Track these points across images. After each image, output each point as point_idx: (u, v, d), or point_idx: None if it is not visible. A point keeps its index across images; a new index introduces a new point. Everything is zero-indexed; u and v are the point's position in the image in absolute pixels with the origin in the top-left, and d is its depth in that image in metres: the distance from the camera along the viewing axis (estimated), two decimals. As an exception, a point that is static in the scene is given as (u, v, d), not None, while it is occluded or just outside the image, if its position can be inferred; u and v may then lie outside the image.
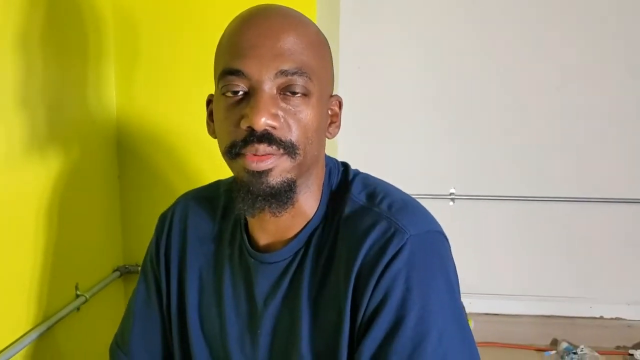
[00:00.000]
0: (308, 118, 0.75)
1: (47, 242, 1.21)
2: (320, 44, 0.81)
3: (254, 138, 0.73)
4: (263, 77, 0.73)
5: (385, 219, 0.78)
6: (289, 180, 0.76)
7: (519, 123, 2.21)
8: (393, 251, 0.75)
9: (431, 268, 0.76)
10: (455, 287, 0.79)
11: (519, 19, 2.15)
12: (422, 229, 0.78)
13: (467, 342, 0.77)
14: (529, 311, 2.27)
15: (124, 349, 0.99)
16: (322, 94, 0.79)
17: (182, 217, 0.96)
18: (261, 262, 0.84)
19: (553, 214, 2.25)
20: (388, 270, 0.74)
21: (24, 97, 1.11)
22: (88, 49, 1.38)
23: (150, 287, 0.98)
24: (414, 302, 0.73)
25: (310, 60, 0.76)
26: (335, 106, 0.85)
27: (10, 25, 1.07)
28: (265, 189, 0.75)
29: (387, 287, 0.74)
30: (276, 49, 0.73)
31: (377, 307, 0.74)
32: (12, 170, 1.09)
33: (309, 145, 0.76)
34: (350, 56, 2.18)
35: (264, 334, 0.84)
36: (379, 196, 0.82)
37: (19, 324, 1.13)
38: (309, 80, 0.75)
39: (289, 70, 0.73)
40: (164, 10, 1.49)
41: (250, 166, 0.74)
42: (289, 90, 0.74)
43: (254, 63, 0.73)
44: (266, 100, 0.73)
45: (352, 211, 0.82)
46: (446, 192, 2.27)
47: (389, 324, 0.74)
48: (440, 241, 0.81)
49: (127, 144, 1.55)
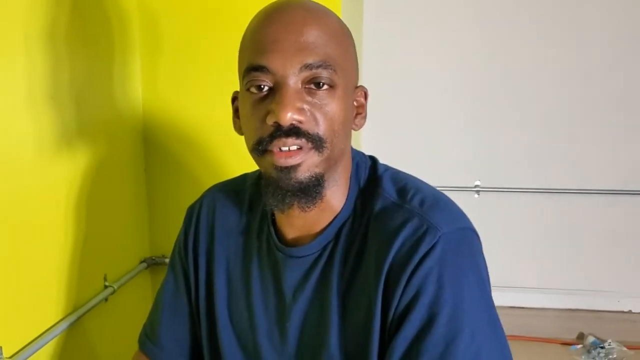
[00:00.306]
0: (334, 110, 0.75)
1: (76, 234, 1.23)
2: (343, 35, 0.80)
3: (281, 133, 0.73)
4: (287, 71, 0.73)
5: (417, 216, 0.77)
6: (317, 174, 0.76)
7: (547, 113, 2.18)
8: (425, 249, 0.74)
9: (463, 266, 0.76)
10: (487, 284, 0.79)
11: (546, 9, 2.12)
12: (454, 226, 0.78)
13: (499, 339, 0.77)
14: (555, 304, 2.25)
15: (153, 340, 1.00)
16: (347, 86, 0.79)
17: (210, 210, 0.97)
18: (289, 256, 0.85)
19: (579, 206, 2.22)
20: (420, 267, 0.74)
21: (54, 93, 1.13)
22: (114, 44, 1.40)
23: (178, 279, 0.99)
24: (446, 300, 0.73)
25: (334, 53, 0.75)
26: (360, 97, 0.84)
27: (38, 21, 1.09)
28: (294, 184, 0.75)
29: (419, 284, 0.74)
30: (299, 43, 0.73)
31: (408, 305, 0.74)
32: (43, 164, 1.11)
33: (335, 138, 0.76)
34: (374, 49, 2.17)
35: (293, 327, 0.85)
36: (410, 192, 0.81)
37: (50, 314, 1.16)
38: (333, 72, 0.75)
39: (313, 64, 0.73)
40: (188, 5, 1.50)
41: (278, 162, 0.74)
42: (313, 84, 0.74)
43: (277, 58, 0.73)
44: (291, 95, 0.73)
45: (383, 207, 0.81)
46: (471, 184, 2.25)
47: (421, 321, 0.73)
48: (472, 238, 0.80)
49: (153, 138, 1.57)
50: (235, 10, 1.46)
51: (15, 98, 1.03)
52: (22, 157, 1.05)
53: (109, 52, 1.38)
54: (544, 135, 2.19)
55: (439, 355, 0.72)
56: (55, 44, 1.14)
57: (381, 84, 2.17)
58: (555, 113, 2.17)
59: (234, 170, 1.08)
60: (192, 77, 1.52)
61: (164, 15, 1.51)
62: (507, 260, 2.25)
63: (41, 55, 1.10)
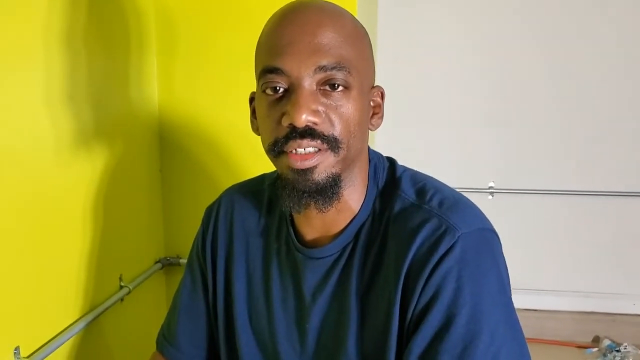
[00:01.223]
0: (350, 111, 0.75)
1: (93, 234, 1.24)
2: (358, 35, 0.80)
3: (296, 134, 0.73)
4: (302, 73, 0.73)
5: (436, 217, 0.77)
6: (334, 175, 0.76)
7: (562, 114, 2.15)
8: (444, 249, 0.74)
9: (483, 266, 0.75)
10: (506, 285, 0.79)
11: (563, 8, 2.10)
12: (474, 226, 0.77)
13: (518, 340, 0.76)
14: (571, 307, 2.22)
15: (170, 341, 1.00)
16: (363, 86, 0.79)
17: (228, 211, 0.97)
18: (309, 257, 0.85)
19: (594, 209, 2.19)
20: (439, 268, 0.74)
21: (71, 93, 1.14)
22: (131, 44, 1.41)
23: (195, 280, 0.99)
24: (465, 301, 0.73)
25: (349, 54, 0.75)
26: (377, 97, 0.84)
27: (56, 23, 1.09)
28: (311, 185, 0.75)
29: (437, 284, 0.74)
30: (314, 45, 0.74)
31: (427, 305, 0.74)
32: (60, 165, 1.12)
33: (352, 138, 0.76)
34: (388, 47, 2.16)
35: (312, 328, 0.85)
36: (429, 193, 0.81)
37: (67, 314, 1.16)
38: (348, 73, 0.75)
39: (327, 66, 0.73)
40: (205, 5, 1.50)
41: (294, 165, 0.75)
42: (328, 85, 0.74)
43: (292, 60, 0.73)
44: (306, 97, 0.73)
45: (402, 208, 0.81)
46: (485, 185, 2.23)
47: (439, 322, 0.73)
48: (491, 239, 0.80)
49: (169, 138, 1.57)
50: (251, 10, 1.46)
51: (34, 99, 1.04)
52: (40, 157, 1.06)
53: (125, 52, 1.39)
54: (559, 136, 2.16)
55: (457, 356, 0.72)
56: (74, 45, 1.14)
57: (392, 84, 2.16)
58: (571, 113, 2.15)
59: (250, 170, 1.08)
60: (208, 77, 1.53)
61: (181, 15, 1.51)
62: (521, 263, 2.22)
63: (60, 57, 1.11)
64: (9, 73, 0.97)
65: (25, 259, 1.02)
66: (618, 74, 2.11)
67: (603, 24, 2.09)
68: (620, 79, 2.11)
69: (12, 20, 0.97)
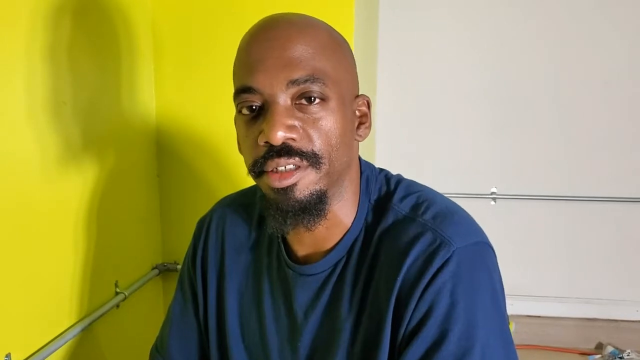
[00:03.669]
0: (330, 124, 0.73)
1: (88, 239, 1.23)
2: (334, 46, 0.77)
3: (274, 153, 0.71)
4: (274, 89, 0.71)
5: (430, 231, 0.75)
6: (317, 192, 0.74)
7: (564, 120, 2.14)
8: (439, 264, 0.72)
9: (477, 281, 0.73)
10: (501, 300, 0.77)
11: (564, 13, 2.09)
12: (469, 240, 0.75)
13: (509, 355, 0.75)
14: (573, 314, 2.21)
15: (162, 354, 1.00)
16: (344, 97, 0.76)
17: (220, 225, 0.95)
18: (300, 274, 0.83)
19: (598, 215, 2.18)
20: (433, 283, 0.72)
21: (67, 98, 1.13)
22: (128, 50, 1.40)
23: (186, 295, 0.98)
24: (459, 316, 0.71)
25: (323, 65, 0.73)
26: (363, 106, 0.82)
27: (55, 27, 1.09)
28: (294, 204, 0.73)
29: (431, 300, 0.72)
30: (284, 59, 0.71)
31: (420, 320, 0.72)
32: (58, 170, 1.11)
33: (334, 152, 0.74)
34: (390, 53, 2.15)
35: (304, 346, 0.83)
36: (423, 205, 0.79)
37: (62, 320, 1.15)
38: (324, 85, 0.72)
39: (300, 79, 0.71)
40: (201, 13, 1.50)
41: (273, 184, 0.73)
42: (304, 98, 0.72)
43: (263, 77, 0.71)
44: (280, 113, 0.71)
45: (395, 221, 0.79)
46: (487, 191, 2.22)
47: (432, 337, 0.71)
48: (486, 253, 0.77)
49: (166, 144, 1.57)
50: (247, 18, 1.44)
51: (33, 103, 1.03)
52: (35, 162, 1.05)
53: (121, 59, 1.38)
54: (562, 142, 2.16)
55: None
56: (71, 51, 1.14)
57: (394, 90, 2.15)
58: (574, 119, 2.14)
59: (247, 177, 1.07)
60: (205, 83, 1.52)
61: (178, 22, 1.51)
62: (524, 269, 2.22)
63: (56, 63, 1.09)
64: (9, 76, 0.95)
65: (19, 263, 1.01)
66: (620, 80, 2.10)
67: (607, 33, 2.09)
68: (622, 85, 2.10)
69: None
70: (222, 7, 1.48)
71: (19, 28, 1.01)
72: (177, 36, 1.51)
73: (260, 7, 1.41)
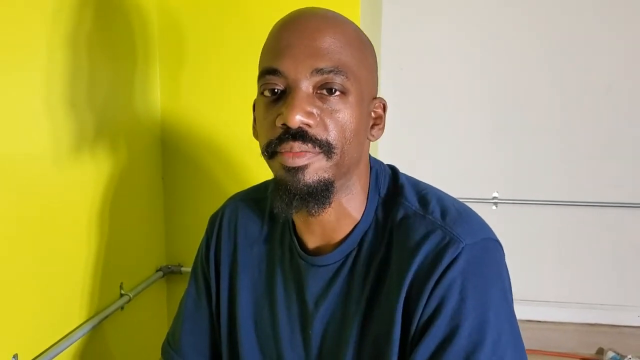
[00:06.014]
0: (346, 117, 0.75)
1: (93, 242, 1.23)
2: (360, 44, 0.80)
3: (289, 136, 0.73)
4: (299, 75, 0.73)
5: (440, 228, 0.77)
6: (325, 180, 0.75)
7: (566, 125, 2.15)
8: (448, 260, 0.74)
9: (487, 277, 0.75)
10: (509, 295, 0.78)
11: (567, 18, 2.10)
12: (477, 237, 0.77)
13: (519, 351, 0.76)
14: (574, 319, 2.21)
15: (174, 348, 1.01)
16: (363, 95, 0.78)
17: (232, 219, 0.97)
18: (312, 264, 0.85)
19: (600, 220, 2.18)
20: (443, 279, 0.73)
21: (73, 100, 1.14)
22: (134, 51, 1.41)
23: (199, 288, 1.00)
24: (469, 312, 0.73)
25: (348, 60, 0.75)
26: (379, 109, 0.84)
27: (60, 27, 1.09)
28: (302, 187, 0.74)
29: (441, 296, 0.73)
30: (312, 48, 0.74)
31: (431, 316, 0.74)
32: (62, 172, 1.12)
33: (347, 145, 0.76)
34: (393, 56, 2.16)
35: (315, 335, 0.85)
36: (431, 202, 0.81)
37: (67, 322, 1.15)
38: (346, 79, 0.75)
39: (324, 69, 0.73)
40: (208, 12, 1.50)
41: (286, 162, 0.74)
42: (326, 89, 0.74)
43: (289, 62, 0.74)
44: (301, 98, 0.73)
45: (405, 217, 0.81)
46: (489, 196, 2.23)
47: (443, 333, 0.73)
48: (495, 249, 0.79)
49: (172, 145, 1.57)
50: (254, 18, 1.46)
51: (36, 102, 1.04)
52: (42, 164, 1.06)
53: (129, 59, 1.39)
54: (563, 147, 2.16)
55: None
56: (76, 50, 1.14)
57: (396, 93, 2.16)
58: (575, 124, 2.14)
59: (253, 177, 1.08)
60: (211, 84, 1.53)
61: (184, 22, 1.51)
62: (525, 274, 2.22)
63: (62, 62, 1.10)
64: (8, 75, 0.96)
65: (25, 266, 1.01)
66: (622, 85, 2.11)
67: (609, 38, 2.10)
68: (624, 90, 2.11)
69: (16, 21, 0.97)
70: (228, 8, 1.49)
71: (40, 29, 1.03)
72: (184, 37, 1.52)
73: (267, 8, 1.42)
